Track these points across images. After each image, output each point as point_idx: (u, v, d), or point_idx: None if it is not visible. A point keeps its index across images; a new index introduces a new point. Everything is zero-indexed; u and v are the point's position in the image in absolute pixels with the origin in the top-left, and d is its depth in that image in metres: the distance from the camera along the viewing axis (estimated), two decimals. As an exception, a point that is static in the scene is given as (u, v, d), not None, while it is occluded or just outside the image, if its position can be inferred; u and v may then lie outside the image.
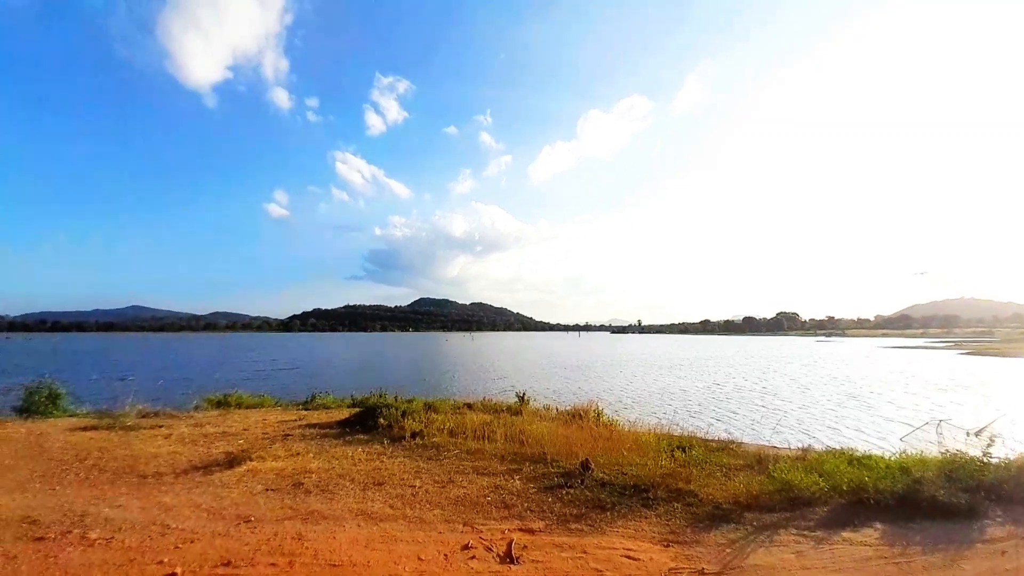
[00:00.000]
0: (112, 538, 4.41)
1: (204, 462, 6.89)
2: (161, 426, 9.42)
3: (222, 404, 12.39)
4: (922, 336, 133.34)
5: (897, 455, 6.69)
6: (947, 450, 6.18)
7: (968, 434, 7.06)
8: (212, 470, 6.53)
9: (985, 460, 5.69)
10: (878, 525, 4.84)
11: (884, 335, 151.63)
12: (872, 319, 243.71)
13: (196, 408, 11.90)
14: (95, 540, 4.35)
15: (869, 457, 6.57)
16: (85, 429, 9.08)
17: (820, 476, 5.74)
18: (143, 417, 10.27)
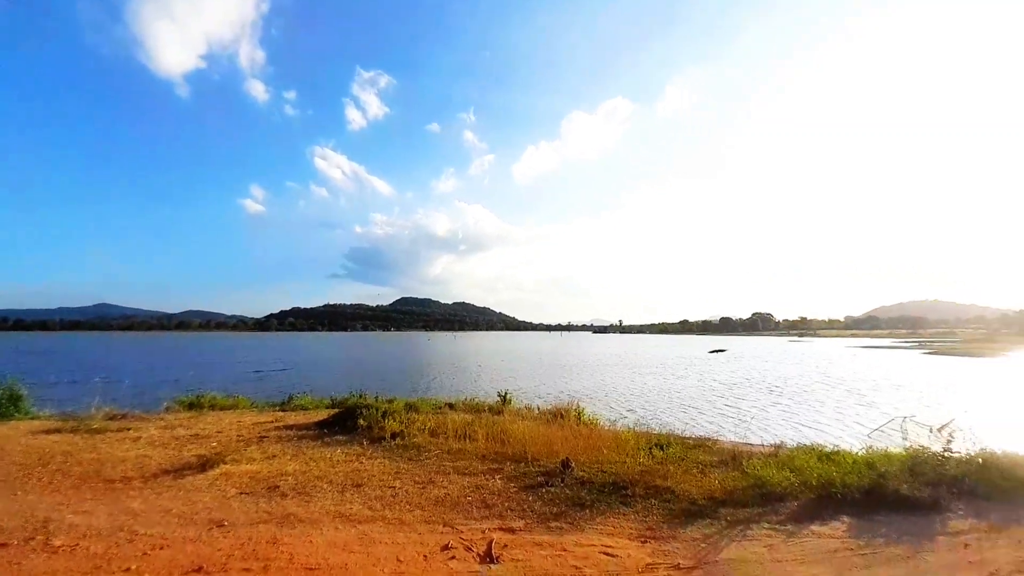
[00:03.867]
0: (77, 545, 4.24)
1: (175, 466, 6.68)
2: (129, 429, 9.10)
3: (194, 406, 12.04)
4: (889, 336, 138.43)
5: (863, 451, 6.93)
6: (911, 446, 6.44)
7: (931, 430, 7.36)
8: (183, 474, 6.34)
9: (947, 455, 5.95)
10: (845, 518, 5.02)
11: (853, 335, 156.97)
12: (842, 319, 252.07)
13: (167, 410, 11.54)
14: (59, 547, 4.17)
15: (837, 453, 6.81)
16: (48, 432, 8.71)
17: (791, 472, 5.91)
18: (110, 419, 9.91)
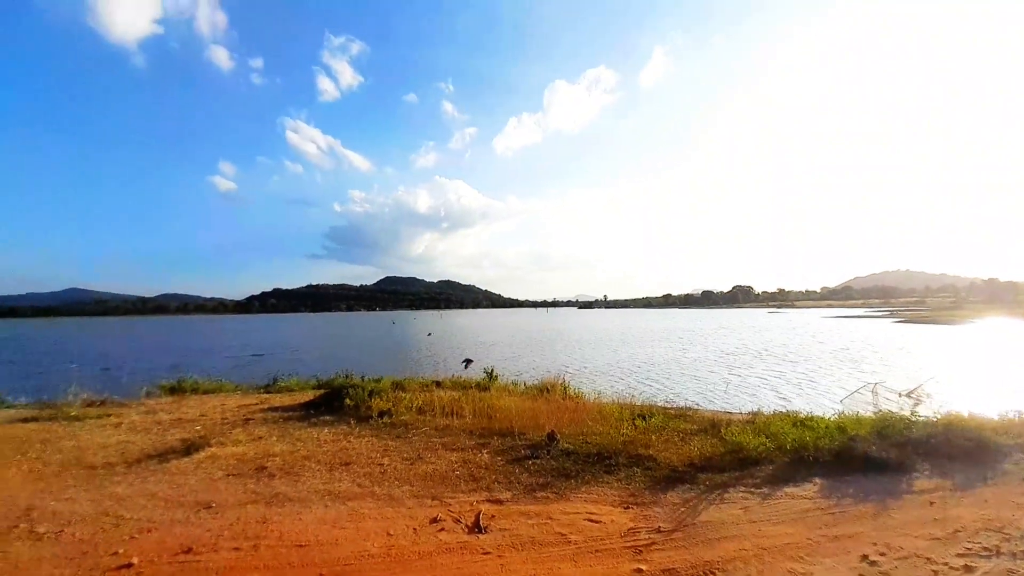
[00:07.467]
0: (62, 531, 4.22)
1: (158, 450, 6.62)
2: (110, 415, 8.95)
3: (176, 390, 11.86)
4: (863, 306, 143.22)
5: (836, 416, 7.24)
6: (880, 410, 6.75)
7: (900, 395, 7.69)
8: (168, 458, 6.29)
9: (913, 418, 6.25)
10: (817, 480, 5.27)
11: (829, 305, 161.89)
12: (819, 290, 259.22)
13: (147, 395, 11.33)
14: (44, 534, 4.15)
15: (811, 418, 7.09)
16: (25, 421, 8.51)
17: (767, 437, 6.16)
18: (88, 406, 9.71)
